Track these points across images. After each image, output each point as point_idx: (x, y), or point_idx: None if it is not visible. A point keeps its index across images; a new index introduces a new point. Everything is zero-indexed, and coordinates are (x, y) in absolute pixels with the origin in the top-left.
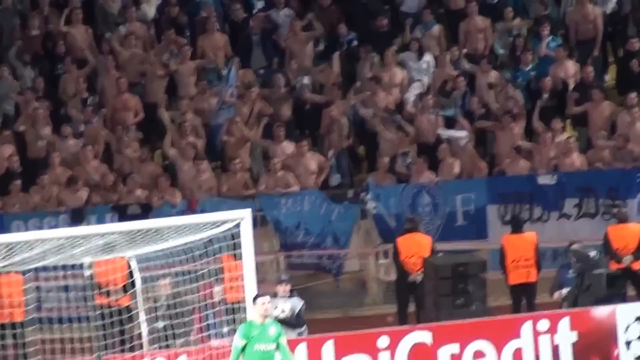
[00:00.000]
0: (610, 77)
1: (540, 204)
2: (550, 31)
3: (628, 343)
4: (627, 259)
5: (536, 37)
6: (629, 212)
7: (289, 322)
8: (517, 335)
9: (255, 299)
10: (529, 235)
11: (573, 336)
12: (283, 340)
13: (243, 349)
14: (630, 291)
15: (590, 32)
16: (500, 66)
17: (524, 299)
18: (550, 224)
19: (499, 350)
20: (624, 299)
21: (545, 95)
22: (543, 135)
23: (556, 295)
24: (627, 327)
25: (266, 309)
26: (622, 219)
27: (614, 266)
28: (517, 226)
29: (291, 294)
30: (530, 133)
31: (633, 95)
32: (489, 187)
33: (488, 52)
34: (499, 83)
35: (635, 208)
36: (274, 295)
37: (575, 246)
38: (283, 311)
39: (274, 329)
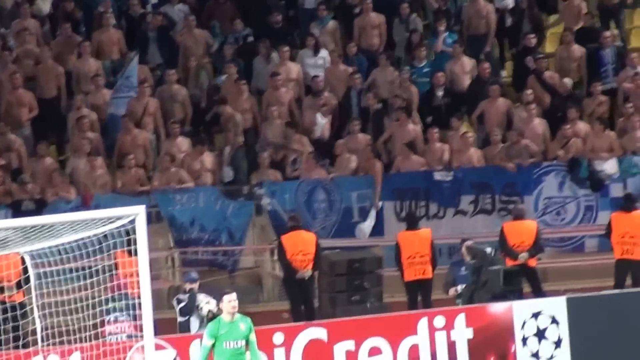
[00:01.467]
0: (506, 73)
1: (436, 201)
2: (446, 27)
3: (524, 339)
4: (522, 256)
5: (433, 33)
6: (526, 208)
7: (213, 319)
8: (413, 331)
9: (221, 297)
10: (425, 231)
11: (469, 333)
12: (253, 337)
13: (212, 347)
14: (526, 288)
15: (482, 28)
16: (397, 62)
17: (419, 295)
18: (446, 221)
19: (395, 346)
20: (520, 295)
21: (441, 92)
22: (433, 132)
23: (451, 291)
24: (524, 324)
25: (233, 306)
26: (519, 216)
27: (509, 263)
28: (412, 223)
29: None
30: (427, 129)
31: (529, 91)
32: (384, 184)
33: (383, 48)
34: (394, 79)
35: (532, 205)
36: (189, 291)
37: (468, 242)
38: (219, 304)
39: (244, 325)
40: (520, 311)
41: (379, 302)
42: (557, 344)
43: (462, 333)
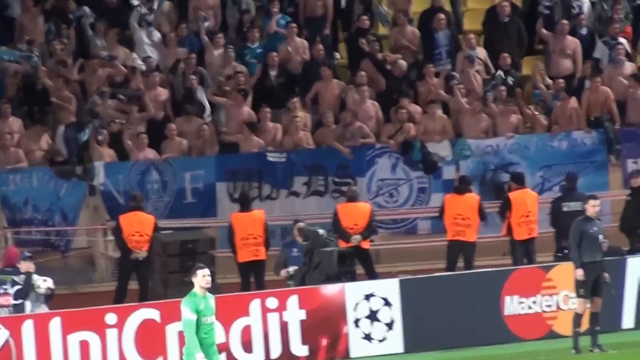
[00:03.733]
0: (340, 55)
1: (270, 182)
2: (280, 9)
3: (357, 321)
4: (355, 238)
5: (266, 14)
6: (359, 190)
7: (51, 296)
8: (245, 313)
9: (194, 271)
10: (258, 213)
11: (302, 314)
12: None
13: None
14: (359, 270)
15: (319, 10)
16: (229, 42)
17: (252, 276)
18: (279, 202)
19: (228, 327)
20: (353, 277)
21: (274, 73)
22: (265, 111)
23: (282, 273)
24: (356, 305)
25: (207, 281)
26: (352, 198)
27: (342, 244)
28: (245, 204)
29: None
30: (259, 110)
31: (363, 73)
32: (218, 165)
33: (218, 29)
34: (228, 59)
35: (365, 186)
36: (25, 272)
37: (300, 224)
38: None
39: (212, 301)
40: (352, 293)
41: (212, 283)
42: (390, 325)
43: (295, 314)
